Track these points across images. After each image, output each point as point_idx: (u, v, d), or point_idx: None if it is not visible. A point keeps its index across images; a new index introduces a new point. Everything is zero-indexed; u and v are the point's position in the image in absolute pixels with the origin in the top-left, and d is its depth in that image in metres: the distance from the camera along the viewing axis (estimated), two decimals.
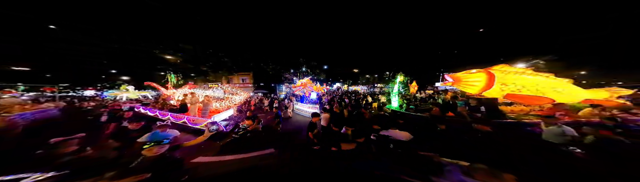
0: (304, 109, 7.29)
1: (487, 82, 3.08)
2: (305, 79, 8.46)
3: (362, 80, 28.48)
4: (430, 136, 2.06)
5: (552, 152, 1.73)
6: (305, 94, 8.35)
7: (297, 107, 7.91)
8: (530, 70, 3.09)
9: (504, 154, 1.46)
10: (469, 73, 3.29)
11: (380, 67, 28.70)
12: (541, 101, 3.15)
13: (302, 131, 3.97)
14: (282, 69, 25.42)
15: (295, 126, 5.30)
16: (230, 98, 7.28)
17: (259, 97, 12.30)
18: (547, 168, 1.23)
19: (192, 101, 5.20)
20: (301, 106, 7.66)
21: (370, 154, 1.36)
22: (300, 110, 7.56)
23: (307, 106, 7.25)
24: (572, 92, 3.10)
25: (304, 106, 7.48)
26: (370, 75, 27.40)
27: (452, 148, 1.57)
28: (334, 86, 24.88)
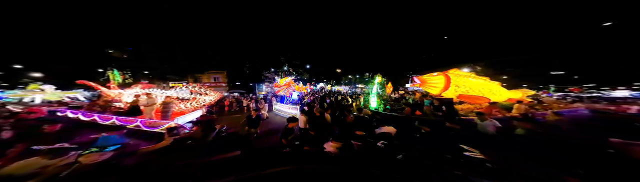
0: (284, 109, 7.02)
1: (445, 84, 3.69)
2: (288, 78, 8.13)
3: (345, 81, 29.65)
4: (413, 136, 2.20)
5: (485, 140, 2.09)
6: (286, 94, 8.07)
7: (277, 108, 7.59)
8: (473, 74, 3.86)
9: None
10: (432, 76, 3.87)
11: (361, 67, 30.12)
12: (482, 100, 3.92)
13: (277, 133, 3.77)
14: (263, 68, 24.49)
15: (271, 128, 4.95)
16: (198, 99, 6.41)
17: (236, 97, 11.41)
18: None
19: (148, 103, 4.53)
20: (281, 107, 7.33)
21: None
22: (280, 111, 7.25)
23: (287, 106, 6.98)
24: (501, 93, 3.97)
25: (283, 106, 7.18)
26: (352, 76, 28.83)
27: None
28: (318, 86, 25.13)
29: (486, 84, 3.89)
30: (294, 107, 6.39)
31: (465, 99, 3.89)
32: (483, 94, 3.73)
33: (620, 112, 4.30)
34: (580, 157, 1.19)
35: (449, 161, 1.20)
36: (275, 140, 3.05)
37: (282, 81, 7.86)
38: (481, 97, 3.77)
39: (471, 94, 3.71)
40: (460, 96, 3.79)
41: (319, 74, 34.54)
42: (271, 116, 6.95)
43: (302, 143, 2.02)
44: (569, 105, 5.23)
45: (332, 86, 25.99)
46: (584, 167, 1.07)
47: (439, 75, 3.81)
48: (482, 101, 3.85)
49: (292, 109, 6.43)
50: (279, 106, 7.51)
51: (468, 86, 3.75)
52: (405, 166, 1.09)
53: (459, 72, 3.91)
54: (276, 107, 7.64)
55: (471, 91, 3.70)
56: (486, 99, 3.84)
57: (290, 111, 6.42)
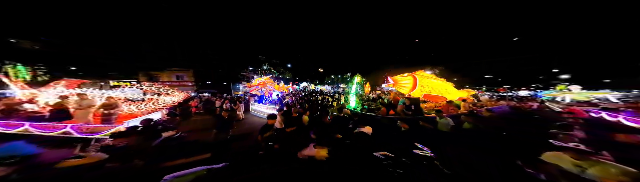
0: (262, 110, 6.68)
1: (413, 84, 4.12)
2: (264, 77, 7.74)
3: (328, 81, 30.18)
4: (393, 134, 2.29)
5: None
6: (265, 94, 7.57)
7: (254, 108, 7.19)
8: (434, 75, 4.44)
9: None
10: (402, 77, 4.26)
11: (343, 68, 31.03)
12: (441, 100, 4.58)
13: (253, 136, 3.50)
14: (239, 66, 22.35)
15: (247, 130, 4.57)
16: (155, 100, 5.26)
17: (206, 98, 10.28)
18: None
19: (83, 105, 3.70)
20: (259, 107, 6.96)
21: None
22: (258, 111, 6.86)
23: (265, 106, 6.69)
24: (456, 93, 4.72)
25: (262, 106, 6.86)
26: (335, 76, 29.56)
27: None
28: (301, 86, 24.72)
29: (444, 85, 4.55)
30: (273, 108, 6.15)
31: (429, 98, 4.46)
32: (442, 93, 4.36)
33: (527, 108, 5.86)
34: (508, 145, 1.41)
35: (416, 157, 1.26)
36: (249, 143, 2.79)
37: (257, 81, 7.40)
38: (441, 97, 4.41)
39: (433, 94, 4.28)
40: (425, 95, 4.32)
41: (303, 73, 34.19)
42: (248, 117, 6.55)
43: (276, 144, 1.92)
44: (497, 103, 6.77)
45: (316, 86, 26.08)
46: (512, 153, 1.28)
47: (408, 76, 4.24)
48: (441, 100, 4.51)
49: (271, 109, 6.16)
50: (257, 106, 7.15)
51: (431, 87, 4.29)
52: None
53: (423, 73, 4.46)
54: (254, 107, 7.24)
55: (433, 91, 4.26)
56: (444, 99, 4.51)
57: (269, 112, 6.10)
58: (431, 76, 4.55)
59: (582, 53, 19.74)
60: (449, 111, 4.19)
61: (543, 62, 22.67)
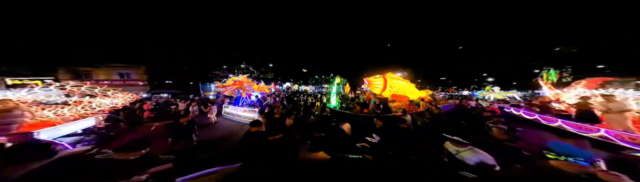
0: (238, 113, 5.94)
1: (384, 85, 4.47)
2: (241, 76, 6.80)
3: (312, 81, 30.12)
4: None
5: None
6: (242, 95, 6.79)
7: (227, 111, 6.31)
8: (401, 77, 4.94)
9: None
10: (375, 78, 4.57)
11: (326, 68, 32.14)
12: (405, 99, 5.16)
13: (225, 140, 3.20)
14: (210, 64, 19.58)
15: (216, 135, 4.03)
16: (86, 102, 3.95)
17: (164, 100, 9.09)
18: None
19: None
20: (234, 110, 6.15)
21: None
22: (232, 114, 6.07)
23: (242, 109, 5.96)
24: (417, 93, 5.38)
25: (237, 109, 6.08)
26: (318, 76, 29.69)
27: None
28: (284, 86, 23.71)
29: (408, 85, 5.13)
30: (251, 110, 5.54)
31: (396, 97, 4.96)
32: (406, 93, 4.92)
33: (466, 105, 7.33)
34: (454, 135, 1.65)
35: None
36: (217, 150, 2.61)
37: (231, 80, 6.48)
38: (405, 96, 4.96)
39: (399, 93, 4.77)
40: (393, 95, 4.77)
41: (286, 73, 32.94)
42: (220, 120, 5.76)
43: (259, 148, 1.73)
44: (447, 101, 8.21)
45: (299, 86, 25.58)
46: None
47: (380, 77, 4.60)
48: (405, 99, 5.08)
49: (249, 112, 5.56)
50: (230, 108, 6.29)
51: (397, 87, 4.76)
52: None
53: (392, 75, 4.91)
54: (227, 110, 6.36)
55: (399, 91, 4.75)
56: (408, 98, 5.09)
57: (246, 115, 5.54)
58: (398, 77, 5.07)
59: (501, 60, 26.19)
60: (410, 109, 4.77)
61: (476, 68, 29.02)
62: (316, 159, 1.19)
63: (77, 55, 13.74)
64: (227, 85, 6.35)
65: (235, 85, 6.27)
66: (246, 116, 5.54)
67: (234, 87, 6.28)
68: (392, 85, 4.70)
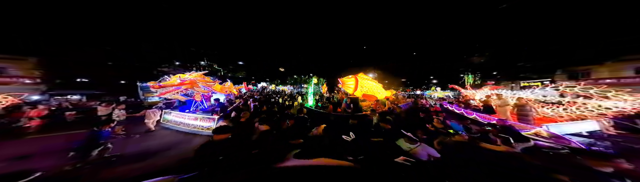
0: (184, 121, 4.46)
1: (356, 85, 4.82)
2: (193, 73, 4.97)
3: (291, 81, 28.94)
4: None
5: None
6: (195, 97, 5.25)
7: (169, 118, 4.76)
8: (371, 77, 5.45)
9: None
10: (348, 78, 4.85)
11: (306, 68, 31.30)
12: (374, 98, 5.75)
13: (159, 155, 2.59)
14: (156, 59, 15.64)
15: (157, 146, 3.21)
16: None
17: (71, 103, 6.84)
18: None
19: None
20: (178, 117, 4.62)
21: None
22: (175, 122, 4.58)
23: (191, 116, 4.38)
24: (384, 93, 6.07)
25: (184, 116, 4.53)
26: (297, 76, 28.79)
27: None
28: (259, 86, 21.62)
29: (376, 86, 5.72)
30: (207, 118, 4.16)
31: (366, 97, 5.44)
32: (374, 93, 5.48)
33: (420, 104, 8.89)
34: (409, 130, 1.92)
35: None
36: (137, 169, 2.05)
37: (175, 78, 4.69)
38: (373, 96, 5.52)
39: (369, 93, 5.26)
40: (364, 94, 5.22)
41: (262, 72, 30.14)
42: (156, 129, 4.46)
43: (223, 159, 1.39)
44: (406, 100, 9.70)
45: (276, 86, 24.03)
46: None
47: (352, 77, 4.92)
48: (374, 98, 5.66)
49: (204, 120, 4.16)
50: (173, 115, 4.72)
51: (367, 87, 5.23)
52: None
53: (363, 75, 5.35)
54: (168, 117, 4.81)
55: (369, 91, 5.24)
56: (376, 97, 5.70)
57: (199, 124, 4.17)
58: (368, 78, 5.57)
59: (441, 65, 33.26)
60: (377, 108, 5.36)
61: (425, 71, 35.83)
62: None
63: None
64: (167, 84, 4.43)
65: (183, 84, 4.61)
66: (198, 125, 4.18)
67: (182, 88, 4.64)
68: (363, 85, 5.13)
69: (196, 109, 5.33)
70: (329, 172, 0.91)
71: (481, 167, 1.04)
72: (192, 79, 4.88)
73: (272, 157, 1.13)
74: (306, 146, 1.62)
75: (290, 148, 1.35)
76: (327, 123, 2.48)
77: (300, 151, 1.19)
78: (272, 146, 1.60)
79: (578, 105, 3.50)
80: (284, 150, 1.24)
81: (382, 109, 4.90)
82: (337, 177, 0.88)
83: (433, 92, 17.88)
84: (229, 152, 1.43)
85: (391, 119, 2.65)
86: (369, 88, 5.23)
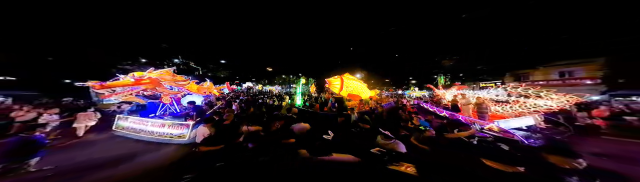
0: (146, 128, 3.70)
1: (341, 85, 4.92)
2: (156, 71, 4.09)
3: (279, 81, 27.93)
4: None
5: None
6: (162, 100, 4.41)
7: (125, 125, 3.99)
8: (356, 77, 5.61)
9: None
10: (334, 78, 4.92)
11: (295, 68, 30.71)
12: (358, 98, 5.96)
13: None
14: (121, 54, 13.37)
15: (93, 160, 2.58)
16: None
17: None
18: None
19: None
20: (138, 123, 3.84)
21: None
22: (134, 130, 3.80)
23: (157, 122, 3.69)
24: (368, 92, 6.33)
25: (147, 122, 3.76)
26: (286, 76, 27.97)
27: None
28: (244, 86, 20.21)
29: (361, 86, 5.94)
30: (178, 124, 3.56)
31: (351, 97, 5.60)
32: (359, 93, 5.68)
33: (401, 103, 9.58)
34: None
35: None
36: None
37: (127, 77, 3.71)
38: (357, 96, 5.72)
39: (353, 93, 5.44)
40: (349, 94, 5.37)
41: (246, 72, 28.23)
42: (104, 138, 3.75)
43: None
44: (389, 99, 10.33)
45: (264, 86, 22.87)
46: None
47: (338, 78, 5.02)
48: (358, 98, 5.87)
49: (174, 127, 3.49)
50: (132, 121, 3.97)
51: (352, 87, 5.39)
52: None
53: (348, 75, 5.49)
54: (123, 123, 4.06)
55: (354, 90, 5.41)
56: (359, 97, 5.92)
57: (167, 131, 3.54)
58: (354, 78, 5.75)
59: (418, 66, 36.46)
60: (360, 107, 5.58)
61: (405, 72, 38.89)
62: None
63: None
64: (115, 84, 3.45)
65: (140, 84, 3.67)
66: (166, 132, 3.52)
67: (141, 88, 3.72)
68: (348, 85, 5.27)
69: (164, 114, 4.59)
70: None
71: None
72: (154, 78, 3.99)
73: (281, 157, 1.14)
74: (299, 144, 1.68)
75: (285, 148, 1.37)
76: (316, 122, 2.55)
77: (310, 149, 1.24)
78: (264, 146, 1.56)
79: (520, 103, 4.23)
80: (281, 150, 1.26)
81: (364, 109, 5.11)
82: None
83: (412, 92, 19.51)
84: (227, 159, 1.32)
85: (368, 119, 2.81)
86: (354, 88, 5.39)
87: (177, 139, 3.45)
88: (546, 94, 3.86)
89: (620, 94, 8.98)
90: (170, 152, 3.02)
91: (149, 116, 4.28)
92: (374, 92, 7.51)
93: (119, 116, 4.19)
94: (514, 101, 4.47)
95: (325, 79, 5.25)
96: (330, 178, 0.88)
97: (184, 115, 4.50)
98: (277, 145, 1.70)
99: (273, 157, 1.15)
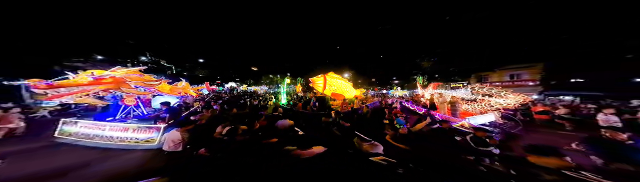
0: (103, 133, 3.20)
1: (324, 84, 4.84)
2: (121, 69, 3.61)
3: (266, 81, 26.75)
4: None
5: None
6: (124, 101, 3.92)
7: (73, 130, 3.31)
8: (340, 76, 5.59)
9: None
10: (318, 77, 4.81)
11: (283, 68, 29.71)
12: (341, 97, 5.96)
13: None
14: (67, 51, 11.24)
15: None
16: None
17: None
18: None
19: None
20: (92, 127, 3.27)
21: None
22: (87, 135, 3.22)
23: (119, 126, 3.24)
24: (353, 91, 6.36)
25: (105, 126, 3.26)
26: (273, 75, 26.96)
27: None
28: (226, 86, 18.76)
29: (345, 85, 5.94)
30: (145, 128, 3.11)
31: (334, 96, 5.57)
32: (343, 92, 5.68)
33: (385, 102, 10.03)
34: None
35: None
36: None
37: (81, 76, 3.24)
38: (341, 95, 5.71)
39: (337, 92, 5.42)
40: (332, 93, 5.33)
41: (229, 71, 26.26)
42: (40, 147, 3.06)
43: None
44: (374, 99, 10.71)
45: (249, 86, 21.55)
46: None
47: (321, 76, 4.93)
48: (341, 97, 5.87)
49: (142, 131, 3.10)
50: (81, 126, 3.34)
51: (336, 85, 5.36)
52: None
53: (332, 74, 5.45)
54: (70, 128, 3.37)
55: (337, 89, 5.39)
56: (343, 96, 5.91)
57: (127, 135, 3.11)
58: (338, 77, 5.72)
59: (402, 67, 39.01)
60: (343, 107, 5.59)
61: (388, 72, 41.30)
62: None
63: None
64: (66, 84, 3.01)
65: (99, 84, 3.19)
66: (129, 137, 3.09)
67: (99, 89, 3.23)
68: (332, 84, 5.22)
69: (127, 117, 4.05)
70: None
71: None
72: (119, 77, 3.49)
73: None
74: (286, 141, 1.63)
75: (269, 148, 1.34)
76: (297, 119, 2.65)
77: (298, 145, 1.24)
78: (246, 146, 1.49)
79: (485, 102, 4.76)
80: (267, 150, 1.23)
81: (346, 109, 5.13)
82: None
83: (395, 92, 20.67)
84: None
85: (345, 117, 2.88)
86: (337, 87, 5.38)
87: (144, 144, 3.03)
88: (505, 93, 4.41)
89: (551, 93, 10.84)
90: (135, 158, 2.59)
91: (106, 120, 3.69)
92: (359, 91, 7.63)
93: (65, 120, 3.44)
94: (480, 100, 5.01)
95: (309, 78, 5.13)
96: (318, 178, 0.87)
97: (154, 117, 3.89)
98: (260, 145, 1.58)
99: (258, 158, 1.09)
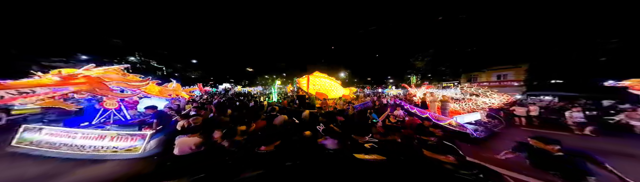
0: (74, 141, 2.60)
1: (307, 83, 4.67)
2: (96, 68, 2.91)
3: (261, 81, 26.29)
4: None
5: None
6: (104, 105, 3.34)
7: (35, 139, 2.71)
8: (326, 75, 5.41)
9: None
10: (303, 78, 4.62)
11: (278, 68, 29.26)
12: (324, 96, 5.73)
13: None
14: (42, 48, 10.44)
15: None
16: None
17: None
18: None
19: None
20: (61, 135, 2.67)
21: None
22: (52, 144, 2.61)
23: (95, 133, 2.64)
24: (341, 90, 6.17)
25: (77, 133, 2.67)
26: (269, 76, 26.49)
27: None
28: (220, 87, 18.17)
29: (331, 84, 5.76)
30: (128, 135, 2.62)
31: (318, 95, 5.37)
32: (327, 91, 5.50)
33: (378, 103, 9.88)
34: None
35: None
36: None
37: (49, 76, 2.50)
38: (325, 94, 5.51)
39: (321, 91, 5.25)
40: (317, 93, 5.16)
41: (223, 72, 25.56)
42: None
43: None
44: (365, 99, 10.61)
45: (243, 87, 20.95)
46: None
47: (306, 76, 4.76)
48: (324, 96, 5.64)
49: (124, 138, 2.59)
50: (46, 133, 2.77)
51: (319, 85, 5.19)
52: None
53: (318, 73, 5.27)
54: (32, 136, 2.79)
55: (321, 89, 5.23)
56: (326, 96, 5.69)
57: (103, 144, 2.58)
58: (324, 76, 5.53)
59: (396, 66, 39.36)
60: (324, 106, 5.33)
61: (383, 71, 41.59)
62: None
63: None
64: (24, 85, 2.28)
65: (68, 84, 2.53)
66: (105, 146, 2.57)
67: (70, 90, 2.54)
68: (315, 83, 5.04)
69: (106, 122, 3.42)
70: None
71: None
72: (94, 77, 2.82)
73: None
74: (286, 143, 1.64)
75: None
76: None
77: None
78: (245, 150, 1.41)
79: (473, 101, 4.75)
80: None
81: (328, 109, 4.91)
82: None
83: (390, 90, 20.83)
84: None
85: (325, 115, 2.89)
86: (321, 86, 5.21)
87: (123, 153, 2.51)
88: (490, 93, 4.41)
89: (533, 93, 11.12)
90: (109, 167, 2.17)
91: (79, 126, 3.07)
92: (348, 90, 7.32)
93: (27, 126, 2.87)
94: (468, 99, 5.00)
95: (295, 78, 4.96)
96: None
97: (138, 123, 3.34)
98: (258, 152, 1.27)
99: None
